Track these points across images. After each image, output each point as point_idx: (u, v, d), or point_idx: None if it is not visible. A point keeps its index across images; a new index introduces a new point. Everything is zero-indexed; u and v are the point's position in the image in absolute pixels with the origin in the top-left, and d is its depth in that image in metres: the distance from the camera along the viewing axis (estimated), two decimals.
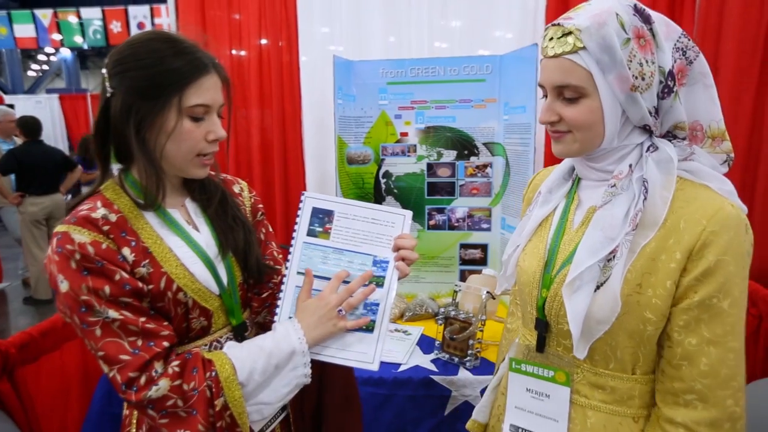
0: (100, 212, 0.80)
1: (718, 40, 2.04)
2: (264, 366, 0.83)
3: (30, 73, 16.75)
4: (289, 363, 0.86)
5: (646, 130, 0.81)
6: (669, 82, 0.77)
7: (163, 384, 0.76)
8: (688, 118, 0.80)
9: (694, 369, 0.74)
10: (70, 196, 5.24)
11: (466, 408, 1.45)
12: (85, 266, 0.75)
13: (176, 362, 0.79)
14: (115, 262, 0.78)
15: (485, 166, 1.98)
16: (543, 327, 0.88)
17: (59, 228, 0.78)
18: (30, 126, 4.37)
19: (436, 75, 1.95)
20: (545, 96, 0.84)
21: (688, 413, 0.75)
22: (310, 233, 0.95)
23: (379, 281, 0.94)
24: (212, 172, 1.01)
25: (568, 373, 0.85)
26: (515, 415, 0.92)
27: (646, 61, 0.75)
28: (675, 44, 0.78)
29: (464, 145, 1.98)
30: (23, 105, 7.96)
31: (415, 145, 2.02)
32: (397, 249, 0.94)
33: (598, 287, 0.77)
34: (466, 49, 2.24)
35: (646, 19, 0.76)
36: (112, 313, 0.75)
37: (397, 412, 1.44)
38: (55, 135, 7.88)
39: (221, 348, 0.90)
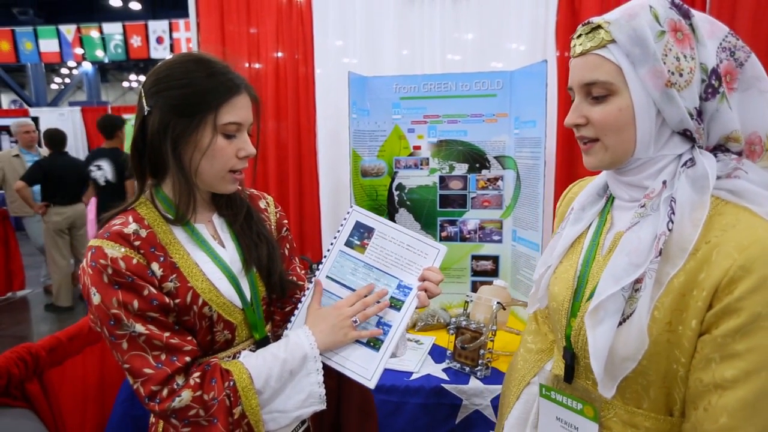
0: (132, 227, 0.83)
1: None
2: (279, 372, 0.86)
3: (53, 86, 17.25)
4: (303, 369, 0.88)
5: (689, 137, 0.72)
6: (713, 81, 0.69)
7: (186, 395, 0.79)
8: (744, 129, 0.71)
9: (698, 412, 0.67)
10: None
11: (477, 417, 1.47)
12: (116, 281, 0.78)
13: (197, 373, 0.82)
14: (144, 278, 0.80)
15: (496, 179, 2.02)
16: (570, 357, 0.83)
17: (93, 242, 0.81)
18: (55, 138, 4.51)
19: (448, 90, 2.00)
20: (572, 100, 0.78)
21: None
22: (348, 244, 1.00)
23: (397, 304, 0.96)
24: (239, 188, 1.04)
25: (597, 409, 0.79)
26: None
27: (684, 56, 0.68)
28: (721, 43, 0.70)
29: (476, 159, 2.02)
30: (47, 117, 8.21)
31: (427, 159, 2.06)
32: (422, 279, 0.96)
33: (624, 320, 0.70)
34: (479, 62, 2.28)
35: (685, 14, 0.70)
36: (139, 328, 0.78)
37: (409, 420, 1.47)
38: (76, 146, 8.10)
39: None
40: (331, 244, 1.00)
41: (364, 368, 0.93)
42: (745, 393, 0.63)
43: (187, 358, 0.82)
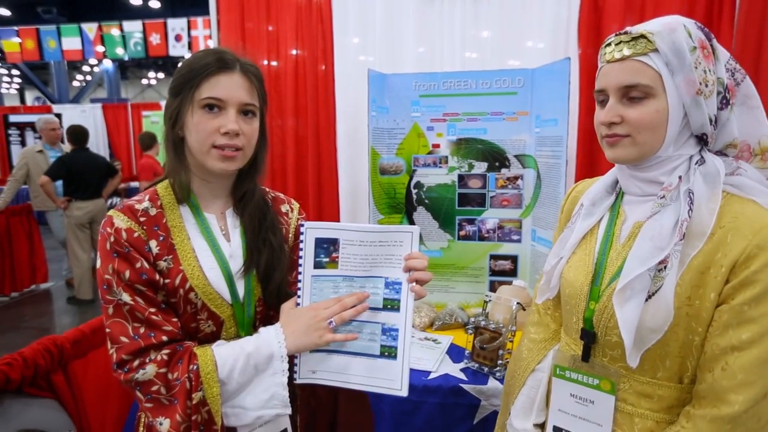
0: (144, 205, 0.90)
1: (758, 50, 2.01)
2: (243, 366, 0.85)
3: (74, 84, 17.58)
4: (269, 368, 0.86)
5: (700, 140, 0.84)
6: (726, 94, 0.82)
7: (150, 369, 0.81)
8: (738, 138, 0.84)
9: (714, 373, 0.77)
10: (112, 201, 5.49)
11: (495, 417, 1.45)
12: (115, 249, 0.85)
13: (166, 351, 0.83)
14: (140, 251, 0.86)
15: (516, 178, 2.00)
16: (590, 338, 0.90)
17: (110, 212, 0.89)
18: (78, 134, 4.60)
19: (468, 88, 1.98)
20: (600, 101, 0.87)
21: (700, 411, 0.78)
22: (317, 265, 0.92)
23: (394, 304, 0.92)
24: (266, 189, 1.05)
25: (614, 383, 0.87)
26: (558, 417, 0.94)
27: (709, 70, 0.80)
28: (725, 66, 0.83)
29: (495, 157, 2.01)
30: (69, 114, 8.37)
31: (446, 157, 2.05)
32: (408, 270, 0.91)
33: (649, 297, 0.79)
34: (497, 59, 2.26)
35: (707, 36, 0.82)
36: (126, 297, 0.83)
37: (427, 419, 1.46)
38: (97, 142, 8.24)
39: None
40: (299, 273, 0.93)
41: (389, 380, 0.91)
42: (759, 352, 0.74)
43: (164, 337, 0.84)
